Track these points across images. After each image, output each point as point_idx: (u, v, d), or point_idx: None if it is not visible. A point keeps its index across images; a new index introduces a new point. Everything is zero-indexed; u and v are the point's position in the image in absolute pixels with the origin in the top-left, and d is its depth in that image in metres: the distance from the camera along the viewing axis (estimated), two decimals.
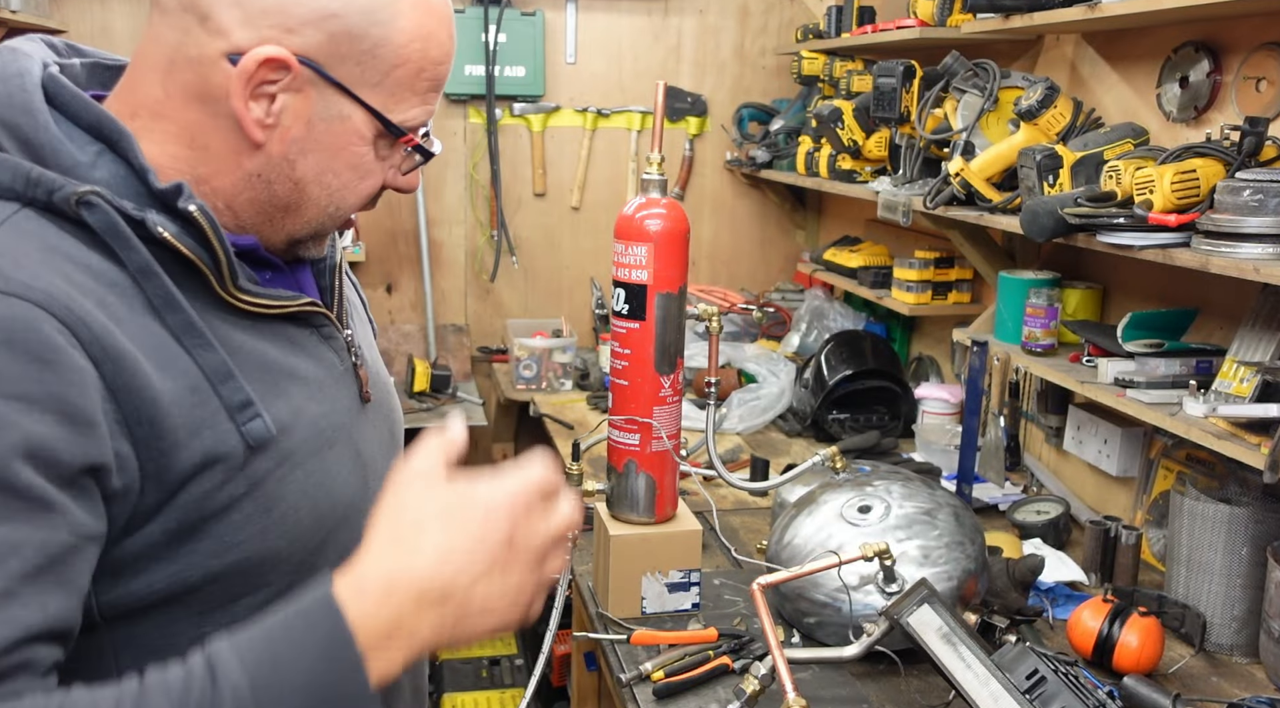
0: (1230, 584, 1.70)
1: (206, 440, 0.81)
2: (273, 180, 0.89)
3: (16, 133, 0.81)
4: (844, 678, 1.56)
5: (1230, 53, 1.87)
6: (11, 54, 0.85)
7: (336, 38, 0.85)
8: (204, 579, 0.83)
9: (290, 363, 0.91)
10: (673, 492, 1.72)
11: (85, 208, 0.79)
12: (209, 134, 0.87)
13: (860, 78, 2.85)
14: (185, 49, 0.85)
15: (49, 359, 0.73)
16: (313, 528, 0.90)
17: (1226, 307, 1.88)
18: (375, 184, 0.94)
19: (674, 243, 1.59)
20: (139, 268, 0.81)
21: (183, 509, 0.81)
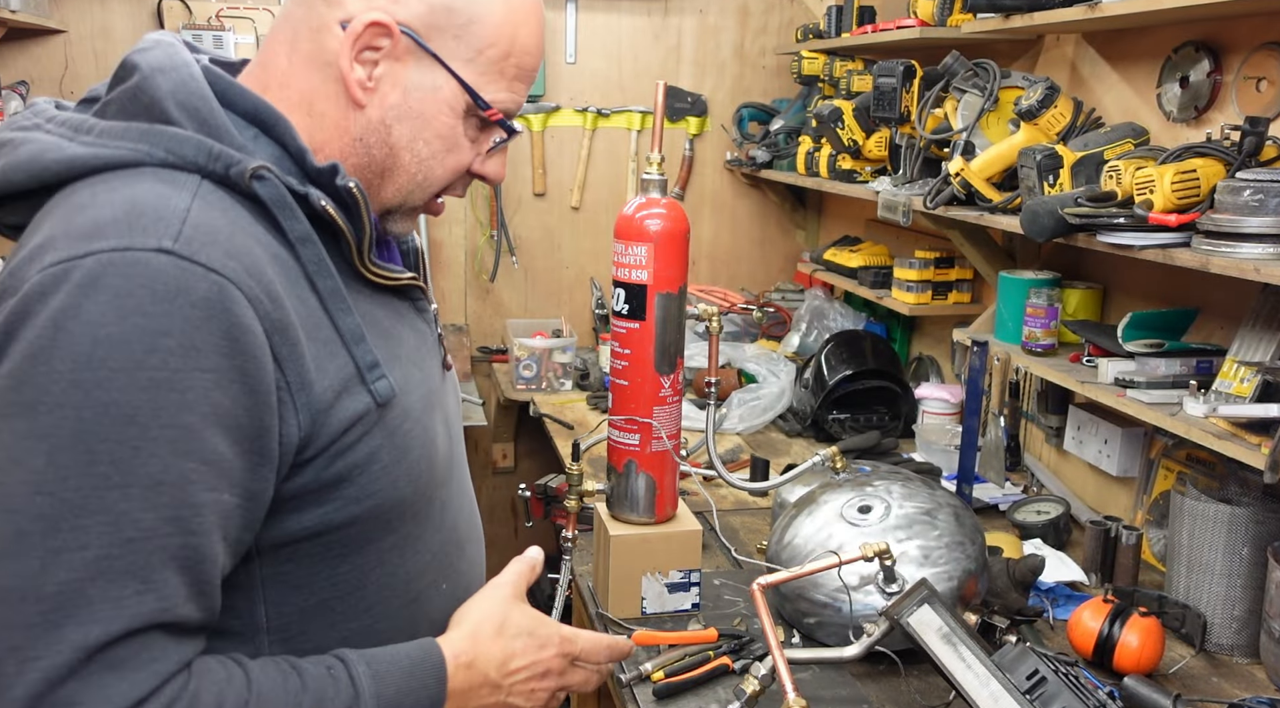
0: (1230, 584, 1.70)
1: (348, 399, 0.91)
2: (371, 144, 0.97)
3: (195, 115, 0.89)
4: (844, 678, 1.56)
5: (1230, 53, 1.86)
6: (170, 46, 0.94)
7: (436, 10, 0.94)
8: (347, 520, 0.94)
9: (398, 331, 1.02)
10: (673, 492, 1.72)
11: (257, 181, 0.88)
12: (322, 100, 0.96)
13: (860, 78, 2.85)
14: (309, 21, 0.96)
15: (238, 336, 0.82)
16: (427, 479, 1.02)
17: (1226, 307, 1.88)
18: (462, 161, 1.02)
19: (674, 243, 1.59)
20: (299, 237, 0.91)
21: (332, 459, 0.91)
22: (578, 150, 3.64)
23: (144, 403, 0.79)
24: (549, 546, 3.99)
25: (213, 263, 0.82)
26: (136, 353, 0.78)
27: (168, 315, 0.80)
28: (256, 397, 0.84)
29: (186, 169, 0.88)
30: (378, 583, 0.99)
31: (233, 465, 0.83)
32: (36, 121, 0.93)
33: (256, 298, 0.84)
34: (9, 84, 3.11)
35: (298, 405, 0.87)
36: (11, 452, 0.78)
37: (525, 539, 3.81)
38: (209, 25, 3.22)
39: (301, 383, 0.88)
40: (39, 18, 3.02)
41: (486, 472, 3.78)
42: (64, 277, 0.79)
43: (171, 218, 0.83)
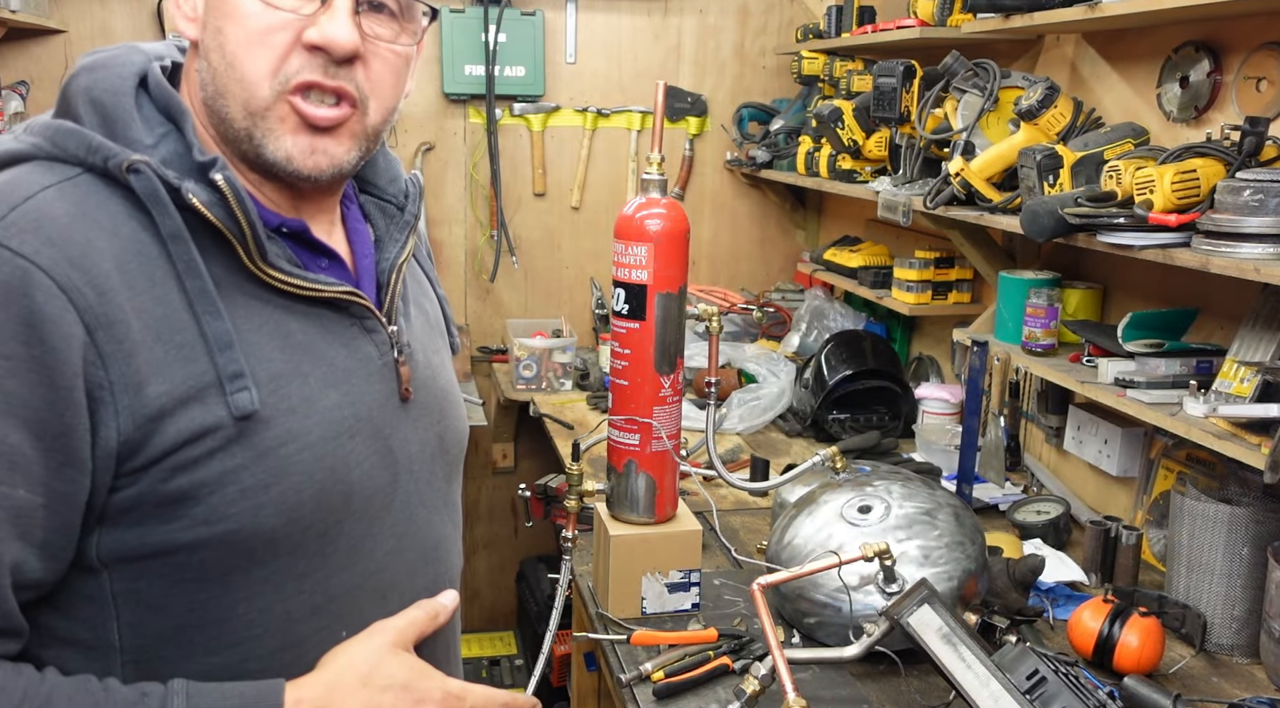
0: (1230, 584, 1.70)
1: (196, 409, 0.84)
2: (205, 77, 0.90)
3: (100, 110, 0.88)
4: (844, 678, 1.56)
5: (1230, 53, 1.86)
6: (127, 48, 0.93)
7: None
8: (195, 542, 0.85)
9: (318, 347, 0.93)
10: (673, 492, 1.72)
11: (133, 174, 0.85)
12: (187, 65, 0.94)
13: (860, 78, 2.85)
14: None
15: (37, 324, 0.77)
16: (316, 512, 0.91)
17: (1227, 307, 1.88)
18: (280, 40, 0.88)
19: (674, 243, 1.59)
20: (170, 232, 0.85)
21: (171, 472, 0.83)
22: (578, 150, 3.64)
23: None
24: (549, 546, 3.97)
25: (23, 249, 0.78)
26: None
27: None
28: (57, 391, 0.78)
29: (68, 162, 0.86)
30: (246, 618, 0.90)
31: (29, 459, 0.78)
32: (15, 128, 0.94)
33: (74, 288, 0.79)
34: (9, 84, 3.11)
35: (119, 407, 0.81)
36: None
37: (525, 539, 3.81)
38: None
39: (127, 384, 0.81)
40: (39, 18, 3.02)
41: (486, 472, 3.78)
42: None
43: (3, 204, 0.81)
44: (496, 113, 3.51)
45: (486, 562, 3.83)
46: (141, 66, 0.91)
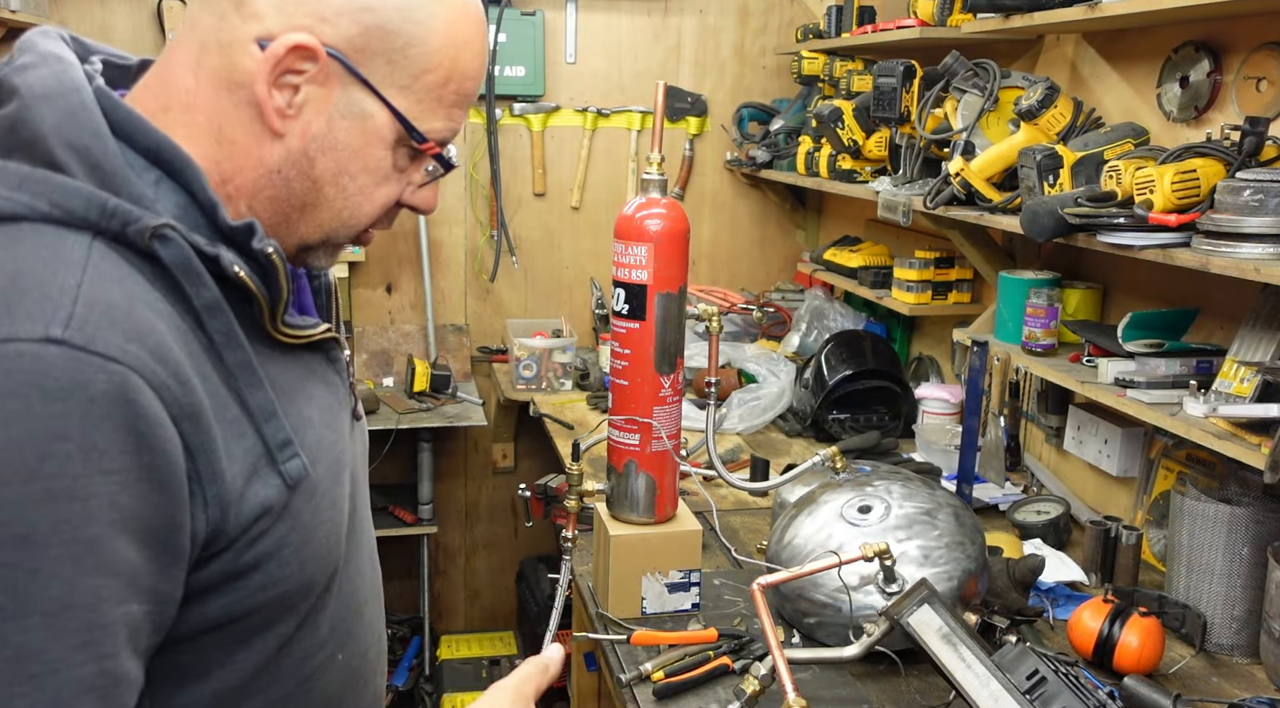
0: (1230, 584, 1.70)
1: (258, 485, 0.81)
2: (291, 177, 0.86)
3: (86, 157, 0.76)
4: (844, 678, 1.56)
5: (1230, 53, 1.86)
6: (58, 61, 0.80)
7: (369, 32, 0.83)
8: (251, 609, 0.84)
9: (308, 390, 0.90)
10: (673, 492, 1.72)
11: (159, 241, 0.76)
12: (234, 126, 0.84)
13: (860, 78, 2.85)
14: (219, 34, 0.82)
15: (144, 430, 0.72)
16: (333, 554, 0.92)
17: (1227, 307, 1.88)
18: (391, 195, 0.91)
19: (674, 243, 1.59)
20: (206, 305, 0.79)
21: (241, 550, 0.81)
22: (578, 150, 3.64)
23: (41, 518, 0.68)
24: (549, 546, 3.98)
25: (111, 351, 0.71)
26: (30, 462, 0.68)
27: (63, 416, 0.69)
28: (166, 492, 0.74)
29: (75, 226, 0.75)
30: (274, 665, 0.88)
31: (142, 570, 0.74)
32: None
33: (163, 384, 0.73)
34: None
35: (208, 498, 0.77)
36: None
37: (525, 539, 3.81)
38: None
39: (213, 473, 0.77)
40: (39, 18, 3.02)
41: (486, 472, 3.78)
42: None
43: (60, 297, 0.71)
44: (496, 113, 3.51)
45: (486, 562, 3.83)
46: (92, 91, 0.79)
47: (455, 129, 0.92)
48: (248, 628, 0.84)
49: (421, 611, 3.61)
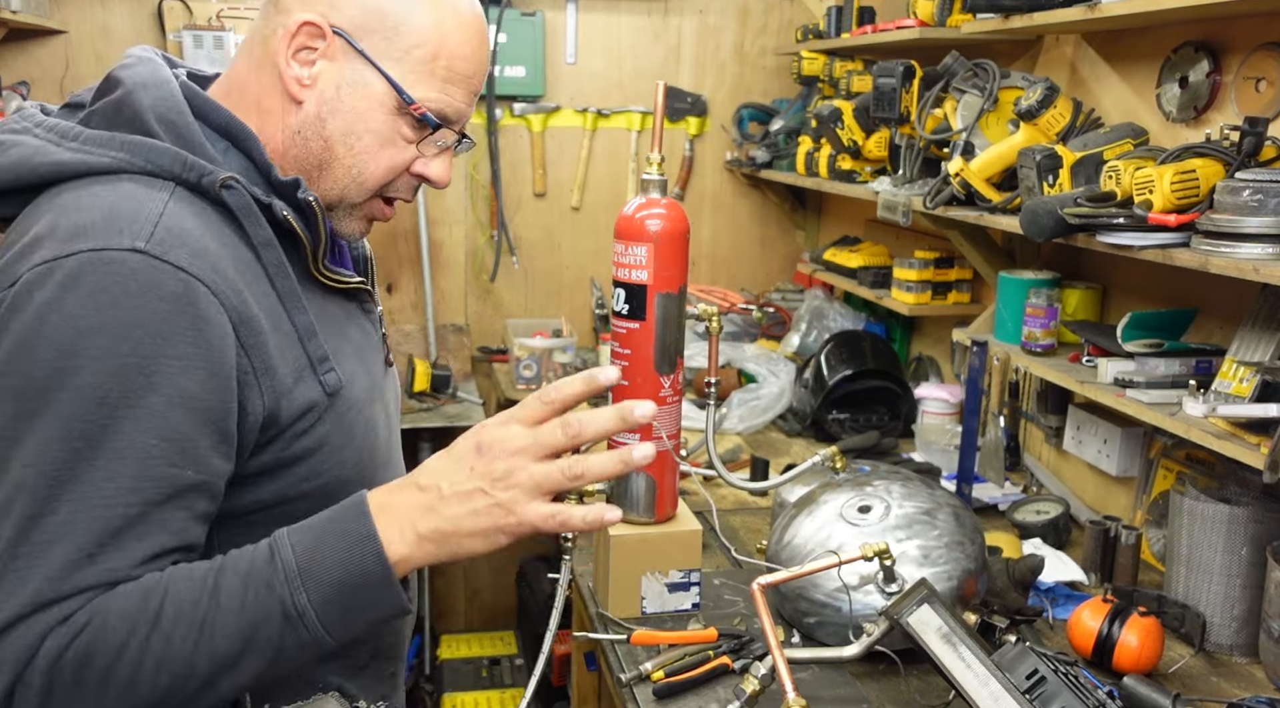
0: (1230, 584, 1.70)
1: (303, 387, 1.01)
2: (308, 137, 1.06)
3: (172, 128, 0.99)
4: (844, 678, 1.56)
5: (1230, 53, 1.87)
6: (152, 62, 1.04)
7: (368, 13, 1.03)
8: (297, 496, 1.03)
9: (346, 328, 1.11)
10: (673, 492, 1.72)
11: (226, 190, 0.98)
12: (268, 97, 1.06)
13: (860, 78, 2.85)
14: (262, 29, 1.06)
15: (202, 327, 0.91)
16: (368, 464, 1.11)
17: (1226, 307, 1.88)
18: (398, 158, 1.09)
19: (674, 243, 1.59)
20: (262, 241, 1.00)
21: (291, 440, 1.01)
22: (578, 150, 3.64)
23: (115, 386, 0.88)
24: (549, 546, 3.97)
25: (180, 261, 0.91)
26: (110, 342, 0.88)
27: (139, 308, 0.89)
28: (219, 380, 0.93)
29: (163, 177, 0.97)
30: None
31: (196, 444, 0.92)
32: (25, 125, 1.03)
33: (222, 292, 0.93)
34: (9, 84, 3.11)
35: (263, 388, 0.97)
36: (4, 431, 0.89)
37: (525, 539, 3.80)
38: (209, 26, 3.22)
39: (266, 368, 0.97)
40: (39, 18, 3.03)
41: None
42: (49, 274, 0.89)
43: (145, 221, 0.92)
44: (497, 113, 3.51)
45: (487, 562, 3.83)
46: (177, 84, 1.03)
47: (455, 106, 1.09)
48: (295, 514, 0.98)
49: (422, 610, 3.61)
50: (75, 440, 0.87)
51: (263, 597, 0.89)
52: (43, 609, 0.86)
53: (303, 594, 0.90)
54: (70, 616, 0.86)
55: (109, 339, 0.88)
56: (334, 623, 0.91)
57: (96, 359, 0.87)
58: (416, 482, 0.95)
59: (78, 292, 0.88)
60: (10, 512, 0.87)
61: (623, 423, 0.96)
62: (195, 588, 0.89)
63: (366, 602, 0.92)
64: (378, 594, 0.92)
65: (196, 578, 0.90)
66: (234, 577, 0.90)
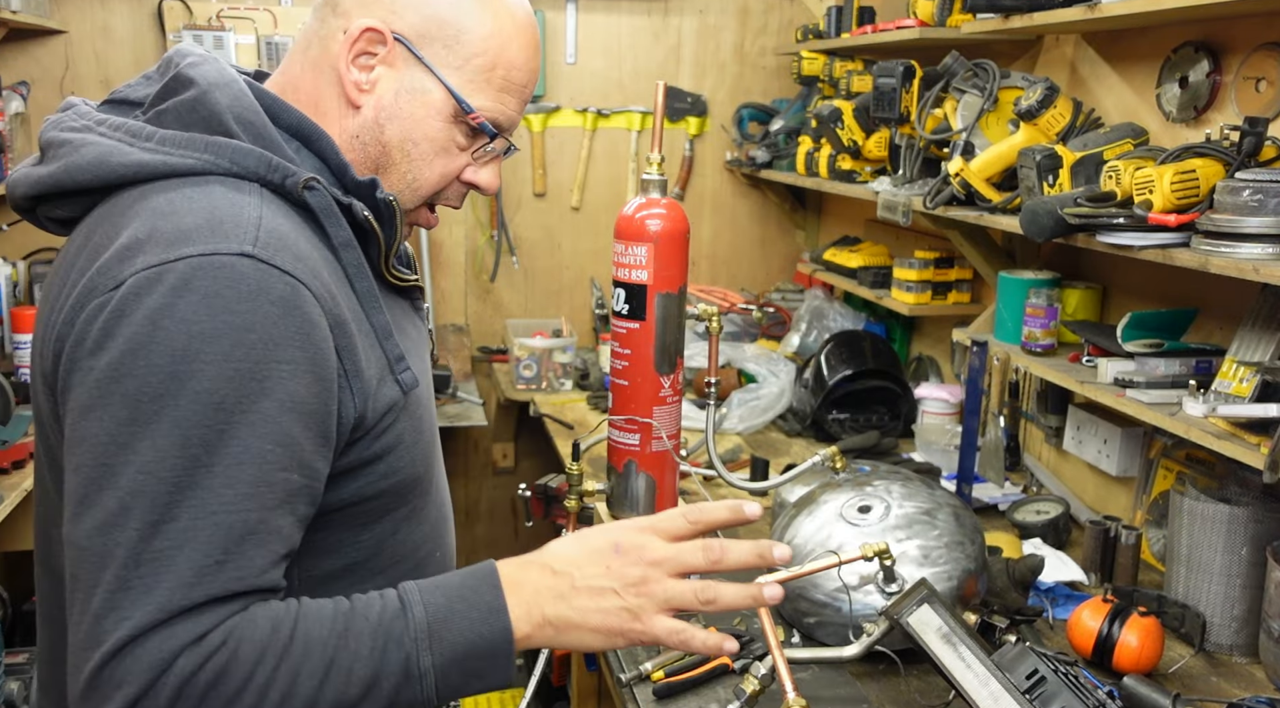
0: (1230, 584, 1.70)
1: (385, 388, 1.01)
2: (366, 142, 1.06)
3: (250, 129, 0.99)
4: (844, 678, 1.56)
5: (1230, 53, 1.87)
6: (217, 62, 1.03)
7: (429, 21, 1.04)
8: (376, 493, 1.03)
9: (405, 325, 1.12)
10: (673, 492, 1.72)
11: (308, 191, 0.98)
12: (326, 101, 1.06)
13: (860, 78, 2.85)
14: (319, 31, 1.06)
15: (309, 331, 0.91)
16: (432, 459, 1.13)
17: (1226, 307, 1.88)
18: (451, 166, 1.10)
19: (674, 243, 1.59)
20: (342, 242, 1.00)
21: (373, 440, 1.00)
22: (578, 150, 3.64)
23: (230, 391, 0.87)
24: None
25: (286, 265, 0.91)
26: (225, 347, 0.87)
27: (251, 313, 0.88)
28: (323, 384, 0.93)
29: (248, 179, 0.97)
30: (391, 550, 1.07)
31: (303, 447, 0.91)
32: (87, 123, 1.01)
33: (321, 296, 0.93)
34: (9, 84, 3.11)
35: (354, 390, 0.97)
36: (116, 436, 0.86)
37: (525, 539, 3.81)
38: (209, 26, 3.22)
39: (356, 370, 0.97)
40: (39, 18, 3.02)
41: (487, 472, 3.78)
42: (158, 278, 0.88)
43: (248, 225, 0.91)
44: None
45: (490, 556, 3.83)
46: (244, 83, 1.02)
47: (508, 115, 1.10)
48: (370, 512, 1.03)
49: None
50: (193, 446, 0.86)
51: (390, 649, 0.90)
52: (175, 619, 0.84)
53: (428, 656, 0.90)
54: (205, 635, 0.85)
55: (224, 344, 0.87)
56: (448, 688, 0.92)
57: (212, 364, 0.87)
58: (549, 565, 0.96)
59: (190, 296, 0.87)
60: (128, 519, 0.85)
61: (760, 561, 0.99)
62: (324, 626, 0.89)
63: (483, 671, 0.93)
64: (496, 666, 0.94)
65: (325, 617, 0.90)
66: (364, 623, 0.90)
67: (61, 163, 0.98)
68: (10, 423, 2.38)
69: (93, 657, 0.83)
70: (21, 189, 1.01)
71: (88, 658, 0.84)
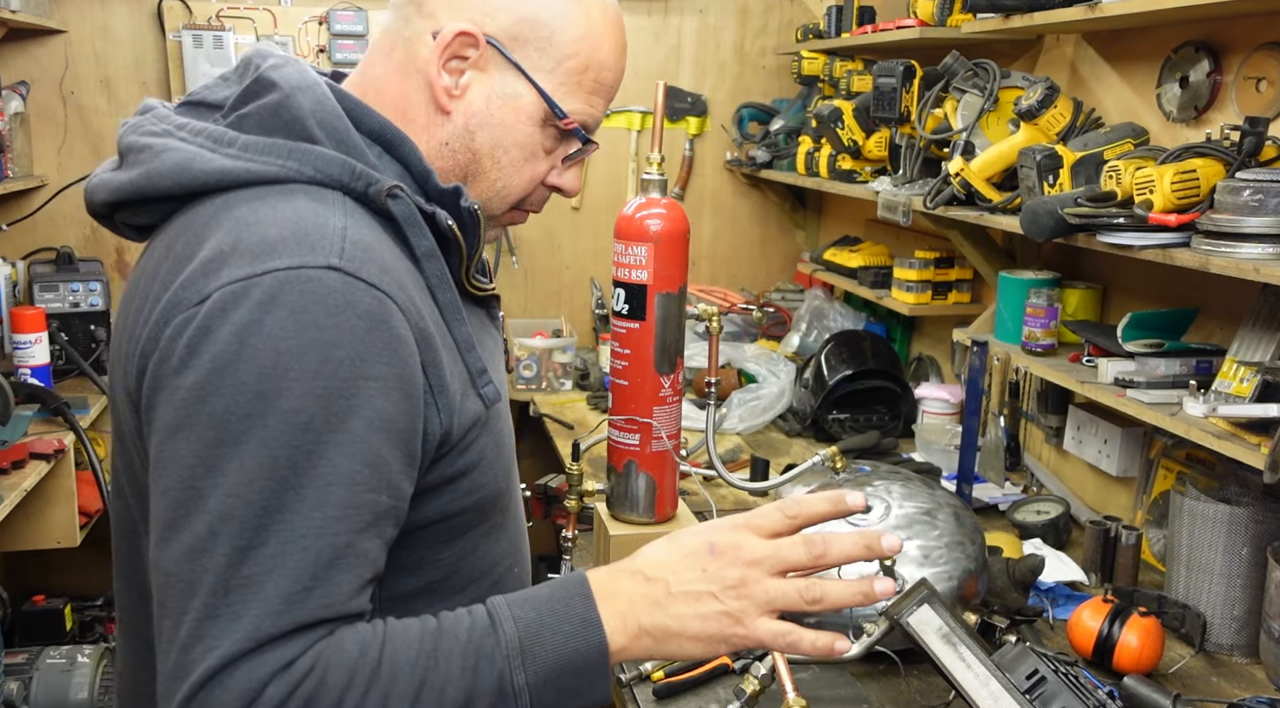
0: (1230, 584, 1.70)
1: (468, 403, 0.98)
2: (456, 149, 1.03)
3: (334, 134, 0.95)
4: (844, 678, 1.56)
5: (1230, 53, 1.87)
6: (298, 63, 0.99)
7: (521, 23, 1.00)
8: (458, 511, 1.00)
9: (483, 337, 1.08)
10: (673, 492, 1.72)
11: (392, 200, 0.94)
12: (413, 106, 1.02)
13: (860, 78, 2.85)
14: (403, 32, 1.02)
15: (397, 346, 0.88)
16: (509, 472, 1.10)
17: (1226, 307, 1.88)
18: (538, 171, 1.08)
19: (674, 243, 1.59)
20: (425, 252, 0.97)
21: (457, 456, 0.97)
22: None
23: (319, 410, 0.84)
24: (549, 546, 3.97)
25: (373, 278, 0.88)
26: (313, 364, 0.84)
27: (338, 328, 0.85)
28: (411, 401, 0.90)
29: (330, 186, 0.94)
30: (471, 567, 1.04)
31: (390, 467, 0.88)
32: (166, 128, 0.98)
33: (408, 309, 0.90)
34: (9, 84, 3.11)
35: (439, 407, 0.93)
36: (203, 458, 0.84)
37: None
38: (209, 25, 3.22)
39: (441, 386, 0.93)
40: (39, 18, 3.02)
41: None
42: (244, 293, 0.85)
43: (334, 236, 0.89)
44: None
45: None
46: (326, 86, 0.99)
47: (595, 116, 1.07)
48: (452, 529, 1.00)
49: None
50: (282, 468, 0.83)
51: (483, 669, 0.87)
52: (263, 648, 0.82)
53: (522, 674, 0.87)
54: (293, 662, 0.82)
55: (311, 361, 0.84)
56: (543, 706, 0.88)
57: (300, 382, 0.84)
58: (643, 571, 0.92)
59: (277, 312, 0.84)
60: (217, 545, 0.82)
61: (869, 554, 0.94)
62: (413, 647, 0.86)
63: (579, 688, 0.89)
64: (591, 681, 0.90)
65: (413, 637, 0.87)
66: (453, 641, 0.87)
67: (142, 169, 0.95)
68: (10, 423, 2.38)
69: (181, 688, 0.81)
70: (101, 195, 0.98)
71: (176, 689, 0.82)
